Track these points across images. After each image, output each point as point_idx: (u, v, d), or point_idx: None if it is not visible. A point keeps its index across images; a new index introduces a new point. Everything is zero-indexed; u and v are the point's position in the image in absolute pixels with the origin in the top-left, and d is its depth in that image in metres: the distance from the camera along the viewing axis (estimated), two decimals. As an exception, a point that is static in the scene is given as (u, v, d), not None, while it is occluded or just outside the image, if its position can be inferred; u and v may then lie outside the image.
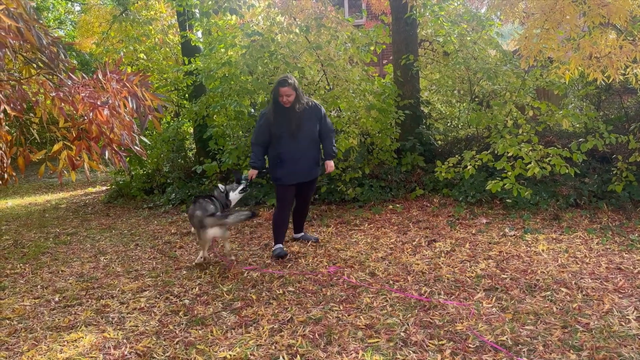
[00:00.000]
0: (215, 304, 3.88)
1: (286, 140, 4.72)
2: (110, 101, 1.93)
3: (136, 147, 2.41)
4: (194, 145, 9.58)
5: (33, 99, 2.04)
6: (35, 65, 2.25)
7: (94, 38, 13.14)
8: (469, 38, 7.42)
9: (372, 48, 7.42)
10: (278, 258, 4.85)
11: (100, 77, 2.03)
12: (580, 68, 4.44)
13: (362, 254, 4.90)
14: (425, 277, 4.14)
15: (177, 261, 5.11)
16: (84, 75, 2.09)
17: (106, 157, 2.17)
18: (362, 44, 7.31)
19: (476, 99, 7.89)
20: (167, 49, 9.64)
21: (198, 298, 4.03)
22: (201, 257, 4.91)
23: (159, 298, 4.10)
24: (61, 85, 2.04)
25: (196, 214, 4.67)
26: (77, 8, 20.21)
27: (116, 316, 3.78)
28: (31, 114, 2.75)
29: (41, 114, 2.23)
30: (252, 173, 4.97)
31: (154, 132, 9.47)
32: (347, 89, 7.20)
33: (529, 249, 4.71)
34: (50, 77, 2.25)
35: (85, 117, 1.95)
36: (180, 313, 3.75)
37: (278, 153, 4.77)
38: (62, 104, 1.97)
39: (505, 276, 4.06)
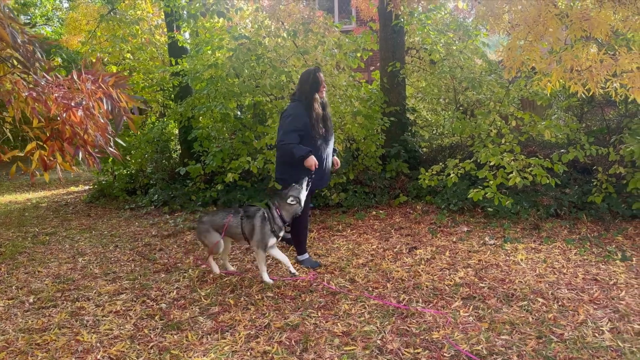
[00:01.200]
0: (192, 308, 3.85)
1: (323, 143, 4.36)
2: (84, 102, 1.90)
3: (111, 149, 2.38)
4: (179, 147, 9.51)
5: (6, 98, 2.01)
6: (9, 64, 2.22)
7: (81, 36, 13.05)
8: (455, 47, 7.48)
9: (358, 54, 7.44)
10: (314, 268, 4.60)
11: (75, 77, 2.01)
12: (561, 80, 4.49)
13: (343, 260, 4.89)
14: (405, 285, 4.14)
15: (156, 264, 5.05)
16: (57, 75, 2.05)
17: (80, 158, 2.13)
18: (349, 50, 7.33)
19: (461, 108, 7.95)
20: (154, 49, 9.57)
21: (175, 302, 3.99)
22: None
23: (135, 301, 4.05)
24: (36, 85, 2.01)
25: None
26: (66, 5, 20.03)
27: (91, 319, 3.73)
28: (5, 113, 2.70)
29: (14, 113, 2.19)
30: (313, 162, 4.17)
31: (139, 133, 9.40)
32: (333, 95, 7.21)
33: (508, 258, 4.74)
34: (26, 76, 2.21)
35: (59, 118, 1.92)
36: (156, 317, 3.71)
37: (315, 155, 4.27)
38: (35, 104, 1.93)
39: (483, 285, 4.08)
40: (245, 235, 4.33)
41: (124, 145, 7.01)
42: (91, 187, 9.78)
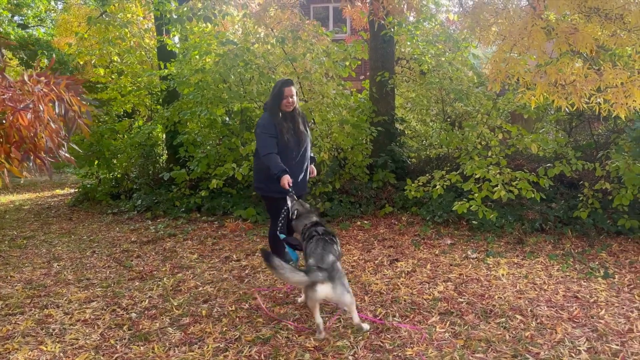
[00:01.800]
0: (162, 318, 3.75)
1: (292, 150, 4.28)
2: (31, 105, 1.82)
3: (65, 154, 2.29)
4: (165, 152, 9.41)
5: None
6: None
7: (72, 37, 12.95)
8: (444, 58, 7.45)
9: (347, 63, 7.39)
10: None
11: (26, 78, 1.92)
12: (545, 94, 4.45)
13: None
14: (383, 298, 4.06)
15: (132, 271, 4.95)
16: (6, 76, 1.97)
17: (30, 164, 2.04)
18: (338, 58, 7.28)
19: (449, 119, 7.91)
20: (143, 53, 9.49)
21: (146, 312, 3.89)
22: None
23: (105, 310, 3.94)
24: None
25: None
26: (60, 6, 19.94)
27: (57, 327, 3.62)
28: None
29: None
30: (287, 180, 4.06)
31: (125, 136, 9.30)
32: (321, 103, 7.15)
33: (489, 272, 4.66)
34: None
35: (5, 121, 1.84)
36: (125, 327, 3.61)
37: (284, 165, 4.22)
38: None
39: (462, 300, 4.00)
40: None
41: (80, 151, 6.76)
42: (76, 190, 9.63)
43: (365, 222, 6.61)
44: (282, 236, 4.10)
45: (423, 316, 3.70)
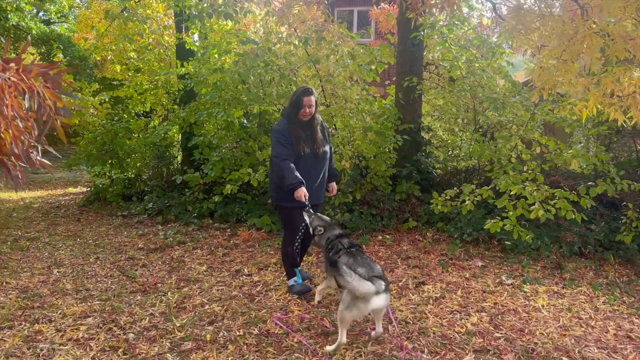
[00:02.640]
0: (162, 342, 3.36)
1: (309, 159, 4.05)
2: (-11, 98, 1.46)
3: (37, 158, 1.91)
4: (181, 153, 9.09)
5: None
6: None
7: (93, 34, 12.75)
8: (477, 65, 6.97)
9: (373, 67, 6.96)
10: (300, 295, 4.17)
11: (-10, 63, 1.57)
12: (599, 106, 3.98)
13: (341, 292, 4.37)
14: (409, 329, 3.62)
15: (135, 282, 4.58)
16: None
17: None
18: (364, 62, 6.85)
19: (480, 130, 7.43)
20: (161, 51, 9.19)
21: (145, 332, 3.50)
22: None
23: (101, 328, 3.57)
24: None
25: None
26: (84, 2, 19.88)
27: (46, 347, 3.26)
28: None
29: None
30: (303, 192, 3.82)
31: (140, 136, 9.01)
32: (344, 108, 6.74)
33: (527, 302, 4.19)
34: None
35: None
36: (120, 350, 3.22)
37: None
38: None
39: (499, 335, 3.54)
40: None
41: (60, 157, 6.41)
42: (88, 189, 9.36)
43: (387, 236, 6.16)
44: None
45: (456, 353, 3.25)
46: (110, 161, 8.85)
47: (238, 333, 3.50)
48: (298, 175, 3.86)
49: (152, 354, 3.17)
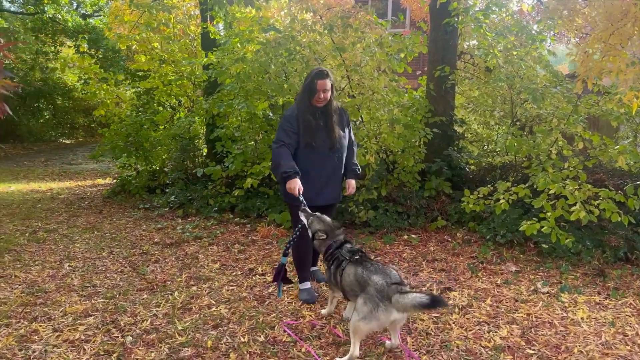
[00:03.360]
0: (160, 347, 3.13)
1: (321, 152, 3.65)
2: None
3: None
4: (205, 146, 8.93)
5: None
6: None
7: (125, 27, 12.76)
8: (515, 53, 6.48)
9: (402, 55, 6.57)
10: (307, 303, 3.83)
11: None
12: (654, 96, 3.52)
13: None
14: (430, 341, 3.27)
15: (144, 279, 4.39)
16: None
17: None
18: (393, 50, 6.47)
19: (518, 123, 6.94)
20: (187, 41, 9.03)
21: (144, 335, 3.28)
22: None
23: (99, 329, 3.37)
24: None
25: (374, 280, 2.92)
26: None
27: (39, 349, 3.08)
28: None
29: None
30: (295, 185, 3.45)
31: (166, 127, 8.89)
32: (370, 99, 6.38)
33: (565, 314, 3.77)
34: None
35: None
36: (114, 355, 3.01)
37: (305, 168, 3.62)
38: None
39: (531, 352, 3.15)
40: None
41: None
42: (115, 181, 9.32)
43: (414, 236, 5.80)
44: (284, 260, 3.42)
45: (480, 372, 2.90)
46: (135, 153, 8.77)
47: (242, 339, 3.24)
48: (294, 164, 3.49)
49: (147, 361, 2.95)
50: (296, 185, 3.45)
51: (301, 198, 3.47)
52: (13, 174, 11.91)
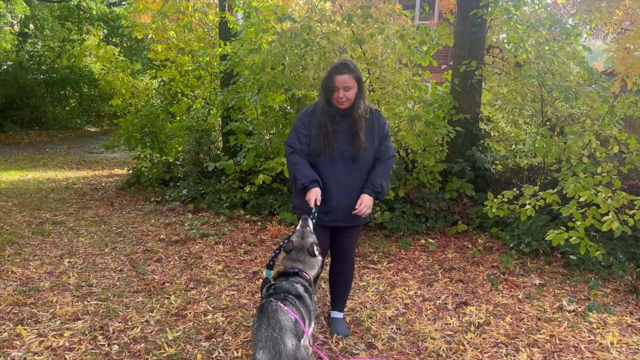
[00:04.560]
0: (147, 358, 2.90)
1: (337, 164, 3.05)
2: None
3: None
4: (221, 139, 8.72)
5: None
6: None
7: (148, 16, 12.62)
8: (547, 48, 6.04)
9: (425, 48, 6.20)
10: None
11: None
12: None
13: (366, 307, 3.78)
14: (440, 363, 2.97)
15: (142, 280, 4.18)
16: None
17: None
18: (415, 43, 6.11)
19: (548, 123, 6.50)
20: (205, 30, 8.81)
21: (132, 345, 3.07)
22: None
23: (86, 335, 3.17)
24: None
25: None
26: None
27: (17, 356, 2.90)
28: None
29: None
30: (313, 195, 2.94)
31: (179, 119, 8.71)
32: (390, 94, 6.05)
33: (592, 337, 3.41)
34: None
35: None
36: (96, 367, 2.80)
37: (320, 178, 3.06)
38: None
39: (554, 381, 2.83)
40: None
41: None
42: (130, 172, 9.20)
43: (431, 241, 5.47)
44: (269, 273, 2.89)
45: (495, 406, 2.59)
46: (150, 144, 8.62)
47: (235, 354, 2.99)
48: (311, 172, 2.99)
49: (130, 375, 2.73)
50: (313, 195, 2.92)
51: (314, 209, 2.94)
52: (33, 161, 11.94)
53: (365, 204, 3.01)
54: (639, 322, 3.70)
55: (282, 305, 2.30)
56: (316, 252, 2.78)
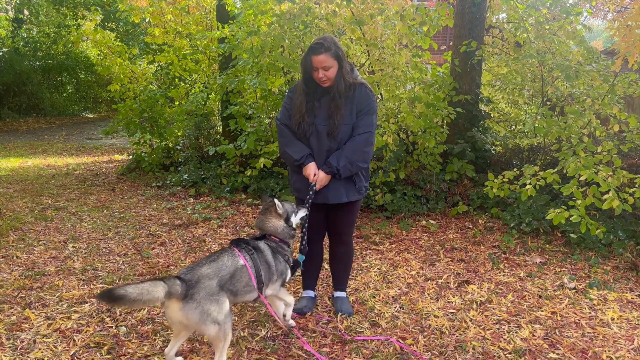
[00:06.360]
0: (154, 339, 2.95)
1: (314, 139, 3.04)
2: None
3: None
4: (220, 123, 8.70)
5: None
6: None
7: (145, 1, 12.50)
8: (547, 27, 6.01)
9: (425, 28, 6.17)
10: (299, 314, 3.28)
11: None
12: None
13: (369, 287, 3.82)
14: (444, 341, 3.02)
15: (147, 263, 4.22)
16: None
17: None
18: (415, 23, 6.08)
19: (548, 103, 6.51)
20: (203, 13, 8.74)
21: (139, 326, 3.11)
22: None
23: (93, 318, 3.20)
24: None
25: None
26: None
27: (27, 339, 2.92)
28: None
29: None
30: (311, 171, 3.00)
31: (178, 103, 8.69)
32: (390, 75, 6.03)
33: (593, 314, 3.46)
34: None
35: None
36: (105, 348, 2.84)
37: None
38: None
39: (555, 356, 2.87)
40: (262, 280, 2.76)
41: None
42: (130, 157, 9.19)
43: (432, 222, 5.50)
44: (301, 257, 3.04)
45: (498, 380, 2.64)
46: (150, 129, 8.61)
47: (241, 334, 3.04)
48: (303, 146, 3.01)
49: (139, 355, 2.77)
50: (311, 171, 2.97)
51: (313, 184, 2.97)
52: (32, 148, 11.92)
53: (319, 178, 3.00)
54: (639, 299, 3.74)
55: (237, 250, 2.63)
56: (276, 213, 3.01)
